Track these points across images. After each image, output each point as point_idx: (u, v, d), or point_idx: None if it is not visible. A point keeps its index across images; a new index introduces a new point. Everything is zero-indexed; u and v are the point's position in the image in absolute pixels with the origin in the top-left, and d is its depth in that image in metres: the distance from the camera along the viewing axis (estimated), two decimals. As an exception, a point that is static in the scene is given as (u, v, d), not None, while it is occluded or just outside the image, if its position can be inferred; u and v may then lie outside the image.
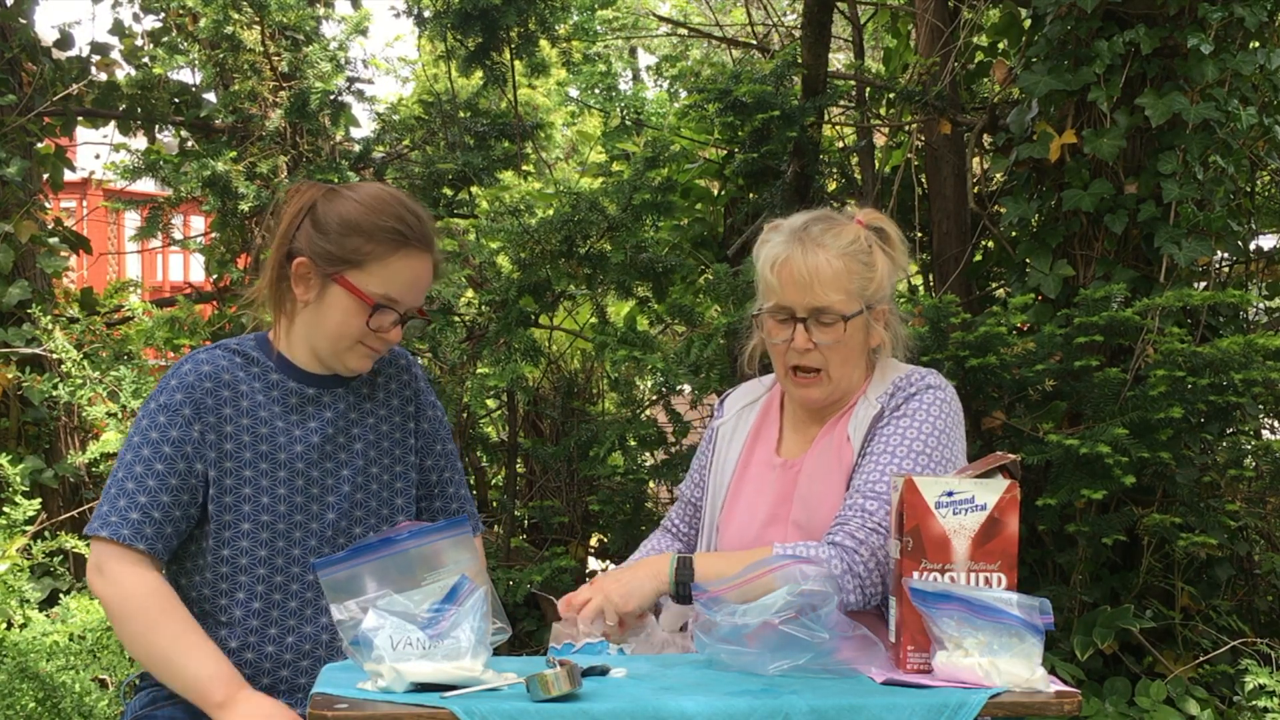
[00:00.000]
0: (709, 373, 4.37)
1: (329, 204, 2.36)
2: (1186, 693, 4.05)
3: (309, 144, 5.55)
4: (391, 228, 2.32)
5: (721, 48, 7.54)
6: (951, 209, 4.88)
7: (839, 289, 2.39)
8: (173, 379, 2.33)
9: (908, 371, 2.49)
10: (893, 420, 2.40)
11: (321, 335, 2.36)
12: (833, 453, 2.44)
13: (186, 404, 2.31)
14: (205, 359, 2.35)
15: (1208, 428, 4.30)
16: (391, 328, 2.35)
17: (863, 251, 2.42)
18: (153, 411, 2.31)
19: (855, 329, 2.42)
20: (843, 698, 1.88)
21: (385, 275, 2.32)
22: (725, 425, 2.63)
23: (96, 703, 3.61)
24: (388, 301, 2.33)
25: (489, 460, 5.53)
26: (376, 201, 2.34)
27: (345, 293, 2.32)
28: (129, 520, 2.26)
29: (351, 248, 2.31)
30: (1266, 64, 4.31)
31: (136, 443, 2.30)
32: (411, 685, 1.89)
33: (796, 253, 2.39)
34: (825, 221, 2.45)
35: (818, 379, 2.44)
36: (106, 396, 4.70)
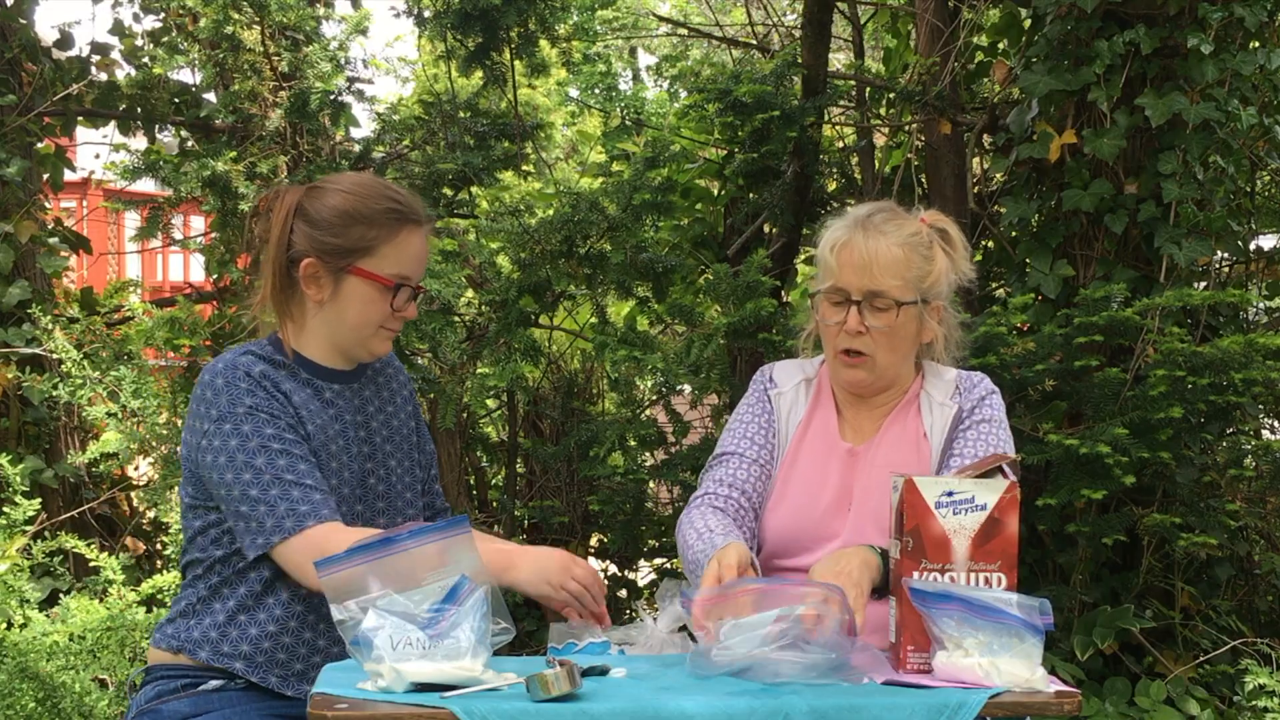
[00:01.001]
0: (709, 373, 4.37)
1: (317, 201, 2.38)
2: (1186, 693, 4.05)
3: (309, 144, 5.54)
4: (388, 208, 2.36)
5: (721, 48, 7.53)
6: (951, 209, 4.86)
7: (896, 275, 2.43)
8: (240, 382, 2.31)
9: (961, 374, 2.56)
10: (975, 425, 2.48)
11: (345, 328, 2.39)
12: (908, 446, 2.49)
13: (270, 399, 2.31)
14: (245, 361, 2.35)
15: (1208, 428, 4.30)
16: (408, 305, 2.40)
17: (923, 244, 2.48)
18: (244, 416, 2.29)
19: (908, 318, 2.46)
20: (843, 698, 1.88)
21: (396, 255, 2.37)
22: (783, 396, 2.60)
23: (96, 703, 3.61)
24: (403, 280, 2.38)
25: (489, 460, 5.53)
26: (363, 188, 2.38)
27: (363, 282, 2.36)
28: (317, 502, 2.26)
29: (357, 236, 2.34)
30: (1266, 64, 4.31)
31: (256, 446, 2.28)
32: (411, 685, 1.89)
33: (858, 236, 2.45)
34: (889, 212, 2.51)
35: (864, 361, 2.47)
36: (106, 396, 4.70)
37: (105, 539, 5.04)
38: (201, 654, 2.36)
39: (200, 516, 2.38)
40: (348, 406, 2.44)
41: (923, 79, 4.89)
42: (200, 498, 2.37)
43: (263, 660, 2.35)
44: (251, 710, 2.34)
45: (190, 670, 2.37)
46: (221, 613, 2.36)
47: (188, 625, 2.39)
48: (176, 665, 2.39)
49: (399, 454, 2.52)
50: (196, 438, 2.33)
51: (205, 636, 2.36)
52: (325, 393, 2.41)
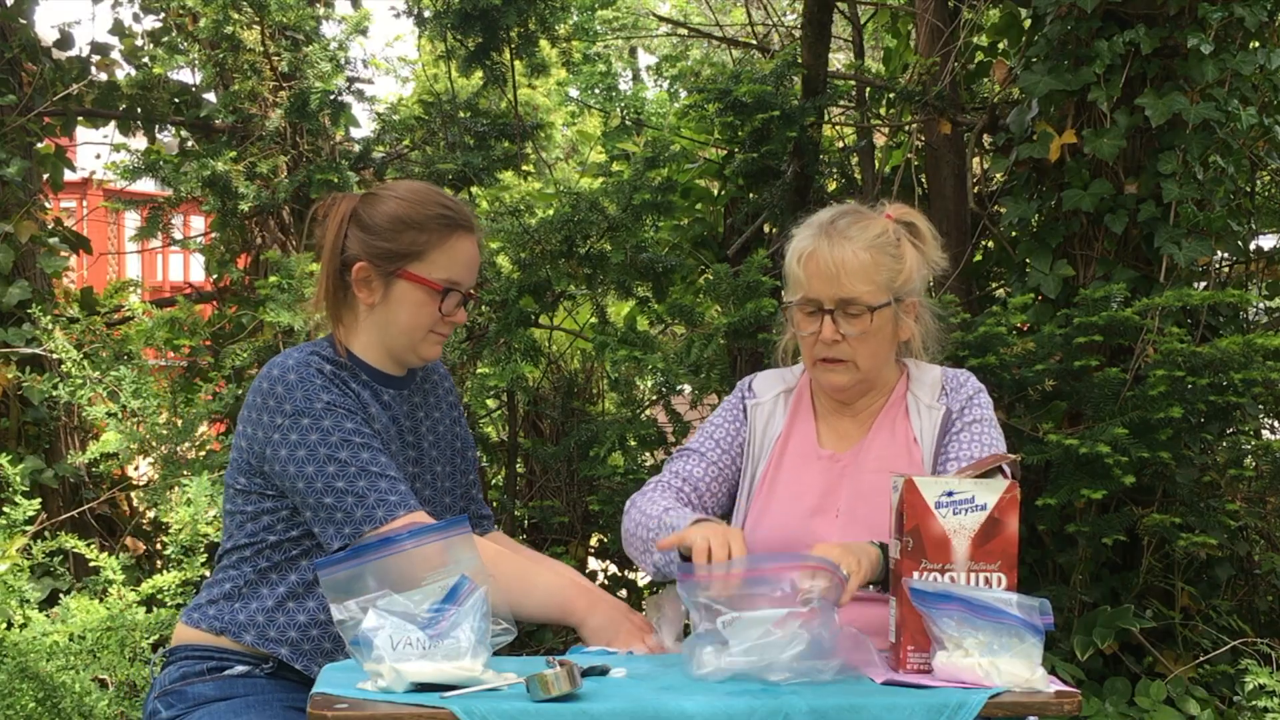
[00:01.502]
0: (709, 373, 4.37)
1: (371, 207, 2.43)
2: (1186, 693, 4.05)
3: (309, 144, 5.54)
4: (439, 214, 2.41)
5: (721, 48, 7.53)
6: (951, 209, 4.88)
7: (865, 280, 2.41)
8: (315, 379, 2.35)
9: (946, 372, 2.54)
10: (966, 427, 2.46)
11: (395, 331, 2.43)
12: (898, 450, 2.47)
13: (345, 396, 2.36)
14: (313, 361, 2.38)
15: (1208, 428, 4.30)
16: (458, 310, 2.45)
17: (890, 244, 2.45)
18: (322, 412, 2.32)
19: (883, 320, 2.44)
20: (843, 698, 1.88)
21: (446, 260, 2.41)
22: (761, 408, 2.60)
23: (96, 703, 3.61)
24: (453, 284, 2.42)
25: (489, 460, 5.52)
26: (416, 195, 2.44)
27: (413, 285, 2.40)
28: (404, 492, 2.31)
29: (408, 241, 2.39)
30: (1266, 64, 4.31)
31: (338, 440, 2.31)
32: (411, 685, 1.89)
33: (823, 245, 2.42)
34: (853, 215, 2.48)
35: (844, 365, 2.46)
36: (106, 396, 4.70)
37: (105, 539, 5.04)
38: (247, 637, 2.38)
39: (254, 502, 2.40)
40: (400, 411, 2.48)
41: (923, 79, 4.89)
42: (257, 485, 2.39)
43: (309, 648, 2.38)
44: (275, 699, 2.36)
45: (218, 653, 2.39)
46: (270, 598, 2.39)
47: (232, 608, 2.40)
48: (205, 647, 2.40)
49: (443, 459, 2.57)
50: (266, 431, 2.34)
51: (252, 620, 2.38)
52: (382, 395, 2.45)
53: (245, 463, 2.40)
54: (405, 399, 2.51)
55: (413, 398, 2.53)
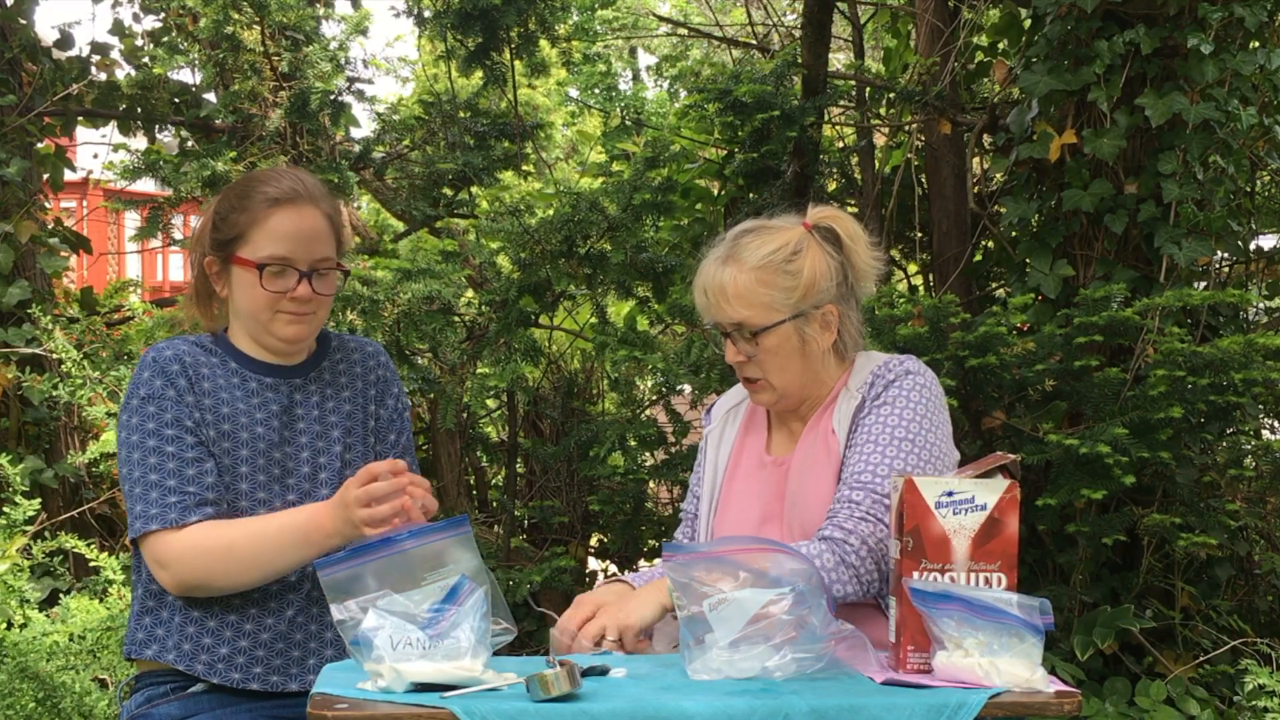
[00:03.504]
0: (709, 373, 4.37)
1: (221, 202, 2.46)
2: (1186, 693, 4.05)
3: (309, 144, 5.55)
4: (262, 195, 2.40)
5: (721, 48, 7.53)
6: (951, 209, 4.88)
7: (748, 304, 2.38)
8: (144, 371, 2.38)
9: (885, 360, 2.47)
10: (873, 409, 2.39)
11: (245, 317, 2.44)
12: (820, 447, 2.44)
13: (168, 387, 2.36)
14: (166, 345, 2.43)
15: (1208, 428, 4.30)
16: (297, 285, 2.39)
17: (784, 260, 2.39)
18: (136, 406, 2.36)
19: (778, 339, 2.39)
20: (843, 698, 1.88)
21: (266, 237, 2.38)
22: (713, 432, 2.64)
23: (96, 703, 3.61)
24: (277, 260, 2.38)
25: (489, 460, 5.53)
26: (247, 179, 2.48)
27: (240, 268, 2.40)
28: (169, 504, 2.30)
29: (232, 225, 2.41)
30: (1266, 64, 4.31)
31: (136, 440, 2.34)
32: (411, 685, 1.89)
33: (709, 271, 2.43)
34: (755, 232, 2.44)
35: (760, 384, 2.45)
36: (106, 396, 4.70)
37: (105, 539, 5.04)
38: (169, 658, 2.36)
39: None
40: (277, 397, 2.44)
41: (923, 79, 4.89)
42: None
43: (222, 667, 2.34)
44: (242, 712, 2.34)
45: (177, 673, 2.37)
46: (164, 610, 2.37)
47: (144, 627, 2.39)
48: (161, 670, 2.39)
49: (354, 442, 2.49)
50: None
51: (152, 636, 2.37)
52: (251, 383, 2.43)
53: None
54: (297, 388, 2.47)
55: (308, 386, 2.48)
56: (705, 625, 2.01)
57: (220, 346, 2.46)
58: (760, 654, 1.99)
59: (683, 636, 2.06)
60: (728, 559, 2.05)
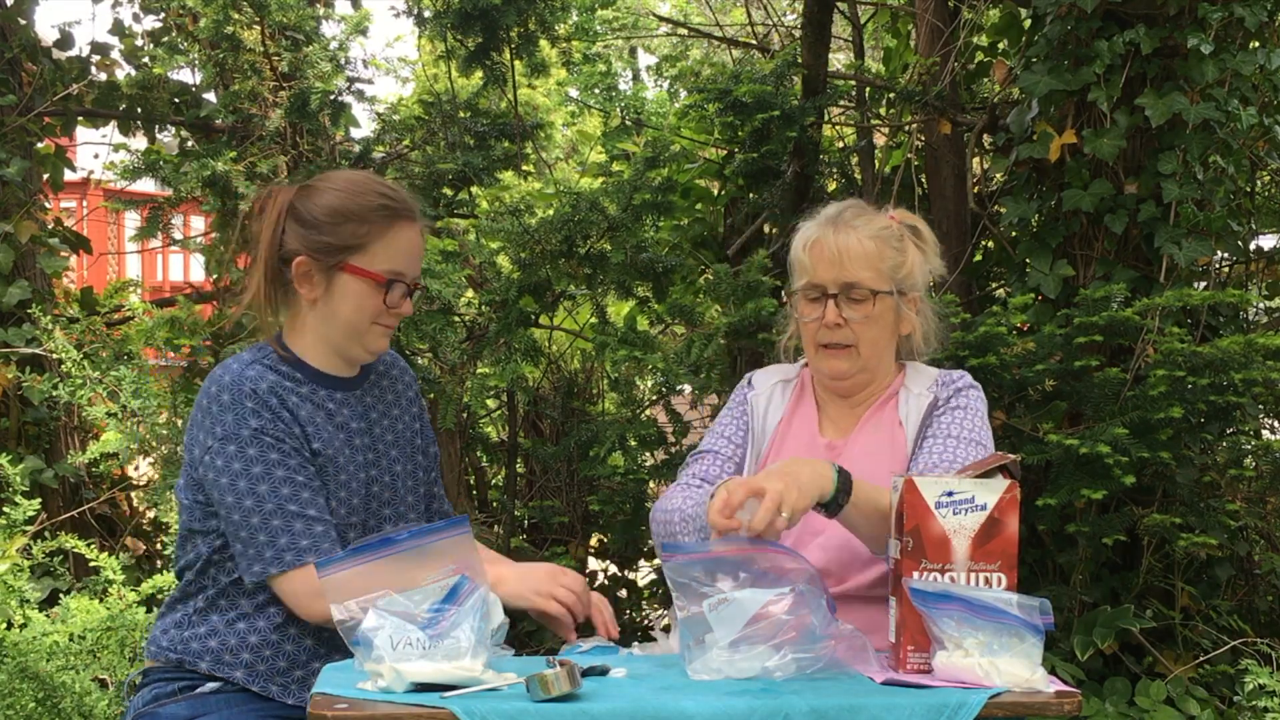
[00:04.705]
0: (709, 373, 4.37)
1: (307, 200, 2.38)
2: (1186, 693, 4.05)
3: (309, 144, 5.54)
4: (379, 205, 2.37)
5: (721, 48, 7.53)
6: (951, 209, 4.88)
7: (869, 266, 2.48)
8: (246, 401, 2.30)
9: (945, 371, 2.60)
10: (949, 410, 2.51)
11: (338, 326, 2.39)
12: (884, 435, 2.51)
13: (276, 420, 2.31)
14: (256, 375, 2.34)
15: (1208, 428, 4.30)
16: (403, 301, 2.41)
17: (894, 237, 2.53)
18: (250, 438, 2.29)
19: (884, 308, 2.50)
20: (843, 698, 1.88)
21: (387, 252, 2.37)
22: (759, 397, 2.64)
23: (96, 703, 3.61)
24: (396, 275, 2.38)
25: (489, 460, 5.52)
26: (355, 185, 2.40)
27: (355, 278, 2.36)
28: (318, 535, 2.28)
29: (348, 233, 2.35)
30: (1266, 64, 4.31)
31: (259, 473, 2.28)
32: (411, 685, 1.89)
33: (829, 233, 2.51)
34: (858, 208, 2.57)
35: (846, 351, 2.51)
36: (106, 396, 4.70)
37: (105, 539, 5.04)
38: (203, 664, 2.36)
39: (198, 520, 2.38)
40: (352, 415, 2.44)
41: (923, 79, 4.89)
42: (200, 501, 2.37)
43: (264, 669, 2.35)
44: (250, 712, 2.34)
45: (189, 673, 2.37)
46: (220, 622, 2.37)
47: (183, 636, 2.39)
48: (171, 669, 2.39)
49: (403, 458, 2.53)
50: (200, 450, 2.32)
51: (205, 647, 2.36)
52: (329, 403, 2.41)
53: (190, 478, 2.38)
54: (359, 400, 2.47)
55: (365, 397, 2.48)
56: (705, 625, 2.01)
57: (289, 364, 2.40)
58: (760, 654, 1.99)
59: (682, 636, 2.07)
60: (727, 559, 2.05)
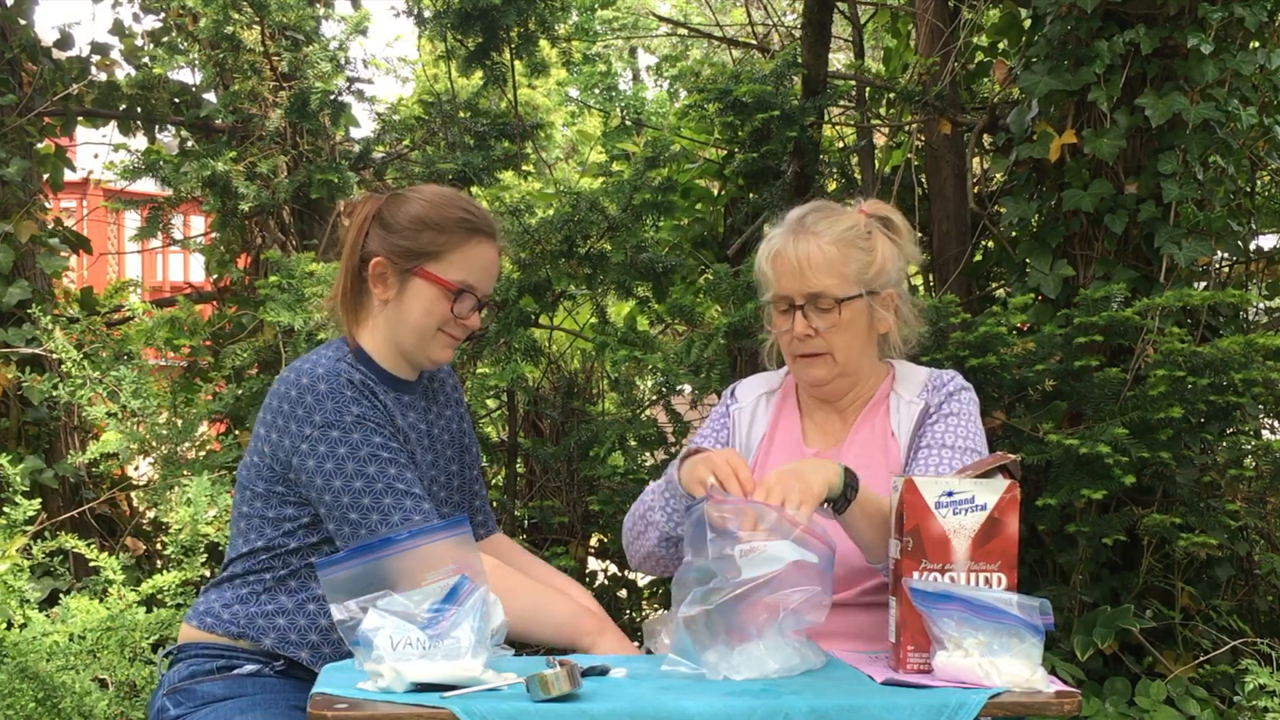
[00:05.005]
0: (709, 373, 4.37)
1: (395, 207, 2.47)
2: (1186, 693, 4.05)
3: (309, 144, 5.54)
4: (460, 218, 2.44)
5: (721, 48, 7.53)
6: (951, 209, 4.88)
7: (831, 273, 2.44)
8: (346, 390, 2.36)
9: (933, 372, 2.55)
10: (942, 418, 2.46)
11: (406, 329, 2.45)
12: (876, 446, 2.48)
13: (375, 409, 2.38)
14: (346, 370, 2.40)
15: (1208, 428, 4.30)
16: (471, 314, 2.46)
17: (860, 237, 2.47)
18: (352, 424, 2.34)
19: (854, 313, 2.46)
20: (843, 698, 1.88)
21: (462, 263, 2.43)
22: (743, 411, 2.63)
23: (96, 703, 3.61)
24: (467, 287, 2.44)
25: (489, 460, 5.52)
26: (440, 197, 2.47)
27: (427, 284, 2.42)
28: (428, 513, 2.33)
29: (427, 240, 2.42)
30: (1266, 64, 4.31)
31: (367, 454, 2.33)
32: (411, 685, 1.89)
33: (789, 243, 2.47)
34: (822, 211, 2.51)
35: (822, 358, 2.48)
36: (106, 396, 4.70)
37: (105, 539, 5.04)
38: (267, 641, 2.39)
39: (274, 508, 2.41)
40: (418, 417, 2.52)
41: (923, 79, 4.89)
42: (278, 491, 2.41)
43: (329, 651, 2.39)
44: (282, 698, 2.37)
45: (229, 652, 2.41)
46: (290, 602, 2.41)
47: (249, 612, 2.42)
48: (215, 645, 2.42)
49: (456, 458, 2.62)
50: (294, 440, 2.35)
51: (272, 624, 2.40)
52: (397, 404, 2.47)
53: (268, 468, 2.41)
54: (417, 401, 2.55)
55: (421, 401, 2.56)
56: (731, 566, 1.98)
57: (362, 364, 2.46)
58: (760, 655, 1.99)
59: (682, 635, 2.04)
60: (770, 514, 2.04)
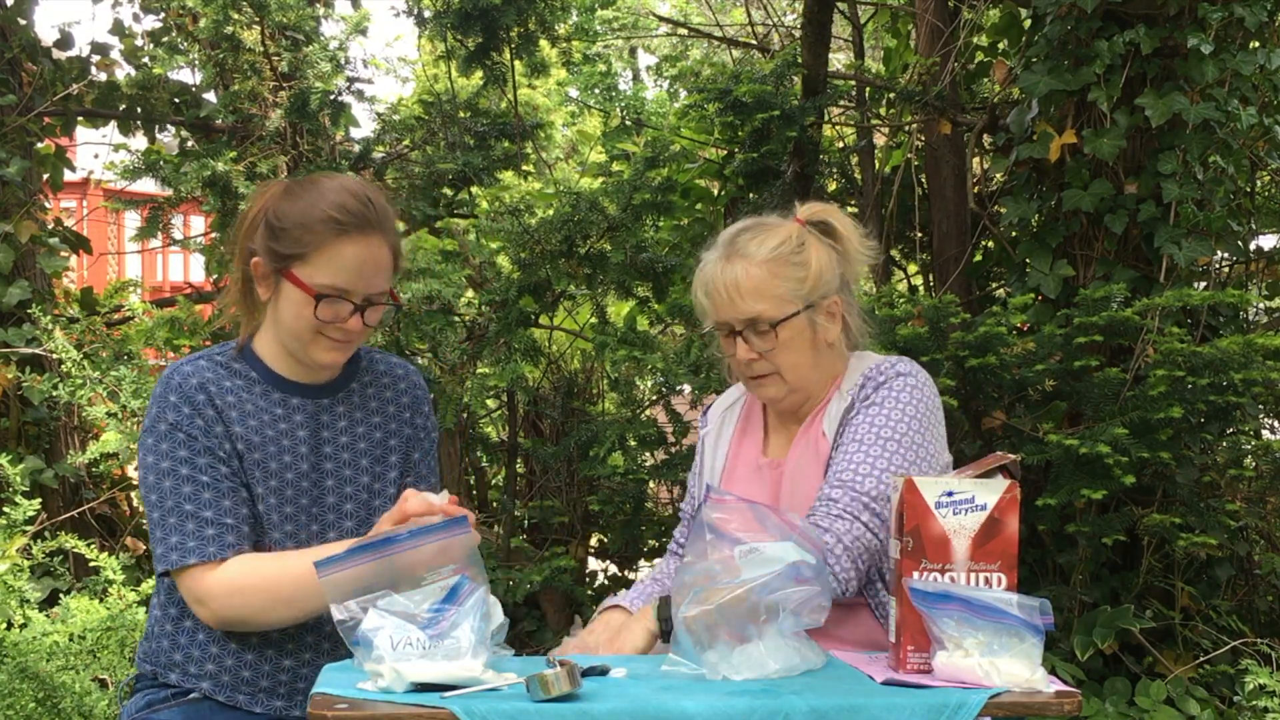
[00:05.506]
0: (709, 373, 4.37)
1: (282, 202, 2.33)
2: (1186, 693, 4.05)
3: (309, 144, 5.54)
4: (329, 217, 2.28)
5: (721, 48, 7.53)
6: (951, 209, 4.88)
7: (762, 297, 2.40)
8: (170, 395, 2.30)
9: (879, 361, 2.49)
10: (862, 410, 2.41)
11: (284, 331, 2.35)
12: (810, 450, 2.45)
13: (196, 415, 2.29)
14: (191, 370, 2.34)
15: (1208, 428, 4.30)
16: (349, 317, 2.31)
17: (791, 252, 2.42)
18: (165, 433, 2.29)
19: (793, 331, 2.41)
20: (843, 698, 1.88)
21: (329, 266, 2.28)
22: (709, 433, 2.64)
23: (96, 703, 3.61)
24: (335, 291, 2.28)
25: (489, 460, 5.52)
26: (319, 193, 2.31)
27: (294, 287, 2.30)
28: (206, 538, 2.25)
29: (293, 240, 2.29)
30: (1266, 64, 4.31)
31: (167, 468, 2.27)
32: (411, 685, 1.89)
33: (717, 270, 2.44)
34: (754, 229, 2.46)
35: (770, 378, 2.46)
36: (106, 396, 4.70)
37: (105, 539, 5.04)
38: (172, 676, 2.37)
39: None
40: (307, 421, 2.39)
41: (923, 79, 4.89)
42: None
43: (228, 680, 2.35)
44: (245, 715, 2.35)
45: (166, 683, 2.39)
46: (182, 634, 2.37)
47: (152, 649, 2.40)
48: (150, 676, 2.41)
49: (377, 468, 2.45)
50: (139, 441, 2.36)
51: (171, 661, 2.37)
52: (278, 407, 2.37)
53: None
54: (325, 409, 2.41)
55: (335, 406, 2.43)
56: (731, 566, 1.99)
57: (245, 362, 2.38)
58: (760, 656, 1.99)
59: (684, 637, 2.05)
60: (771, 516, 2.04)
